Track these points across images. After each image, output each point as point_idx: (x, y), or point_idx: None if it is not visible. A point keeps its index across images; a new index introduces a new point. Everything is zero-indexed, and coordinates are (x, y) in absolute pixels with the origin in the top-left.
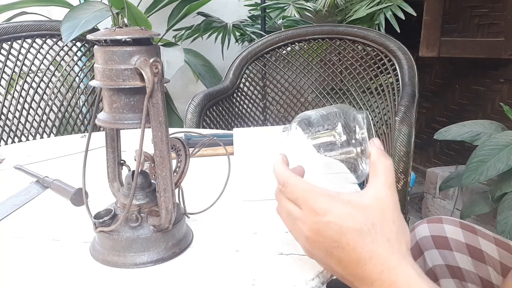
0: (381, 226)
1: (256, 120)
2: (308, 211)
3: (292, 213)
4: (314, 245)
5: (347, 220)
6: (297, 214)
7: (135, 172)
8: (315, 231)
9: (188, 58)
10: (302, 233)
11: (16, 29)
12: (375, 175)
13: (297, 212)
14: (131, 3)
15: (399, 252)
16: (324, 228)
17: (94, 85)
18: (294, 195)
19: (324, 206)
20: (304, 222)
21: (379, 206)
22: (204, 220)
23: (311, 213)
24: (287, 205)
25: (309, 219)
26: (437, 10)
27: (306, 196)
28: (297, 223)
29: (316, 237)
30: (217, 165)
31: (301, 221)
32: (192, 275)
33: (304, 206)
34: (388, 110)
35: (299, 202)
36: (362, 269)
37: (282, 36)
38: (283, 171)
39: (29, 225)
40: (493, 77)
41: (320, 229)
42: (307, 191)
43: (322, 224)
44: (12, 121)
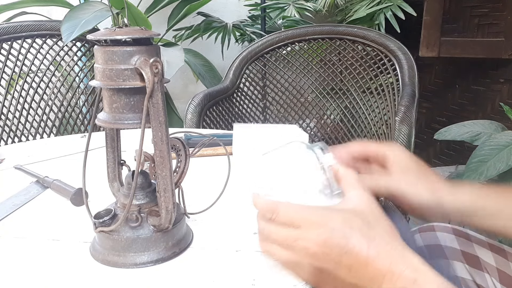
0: (376, 223)
1: (256, 120)
2: (309, 226)
3: (290, 236)
4: (321, 260)
5: (347, 224)
6: (296, 235)
7: (135, 172)
8: (321, 244)
9: (188, 58)
10: (306, 251)
11: (16, 29)
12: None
13: (296, 233)
14: (131, 3)
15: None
16: (329, 238)
17: (94, 85)
18: (288, 217)
19: (323, 217)
20: (307, 239)
21: (367, 207)
22: (204, 220)
23: (312, 227)
24: (281, 231)
25: (313, 233)
26: (437, 10)
27: (302, 213)
28: (298, 243)
29: (323, 250)
30: (217, 165)
31: (304, 239)
32: (192, 275)
33: (303, 223)
34: (388, 110)
35: (296, 222)
36: (372, 267)
37: (282, 36)
38: (267, 201)
39: (29, 225)
40: (493, 77)
41: (326, 239)
42: (300, 209)
43: (327, 233)
44: (12, 121)
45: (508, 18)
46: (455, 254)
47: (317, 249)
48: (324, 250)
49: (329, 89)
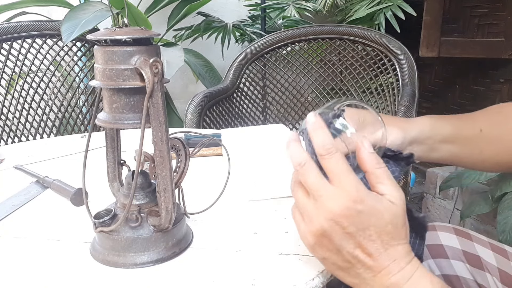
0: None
1: (256, 120)
2: (343, 193)
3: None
4: (335, 226)
5: (376, 215)
6: (328, 190)
7: (135, 172)
8: (345, 215)
9: (188, 58)
10: (327, 211)
11: (16, 29)
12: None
13: (328, 188)
14: (131, 3)
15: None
16: (355, 215)
17: (94, 85)
18: (337, 168)
19: (360, 195)
20: (334, 200)
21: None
22: (204, 220)
23: (346, 196)
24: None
25: (342, 201)
26: (437, 10)
27: (349, 176)
28: (323, 200)
29: (342, 220)
30: (217, 165)
31: (332, 198)
32: (192, 275)
33: (341, 185)
34: (388, 110)
35: (337, 178)
36: (377, 256)
37: (282, 36)
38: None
39: (29, 225)
40: (493, 77)
41: (351, 215)
42: (350, 172)
43: (354, 211)
44: (12, 121)
45: (508, 18)
46: (456, 254)
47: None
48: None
49: (329, 89)
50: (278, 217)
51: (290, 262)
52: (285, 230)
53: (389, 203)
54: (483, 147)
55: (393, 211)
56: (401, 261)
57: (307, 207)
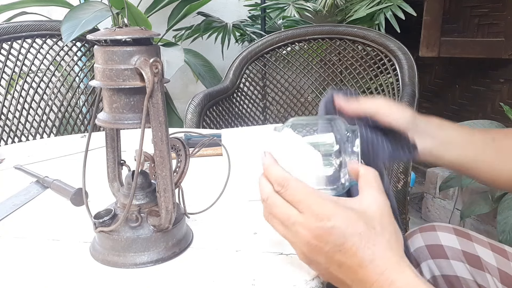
0: (381, 230)
1: (256, 120)
2: (310, 216)
3: (291, 217)
4: (314, 250)
5: (350, 225)
6: (296, 218)
7: (135, 172)
8: (317, 237)
9: (188, 58)
10: (301, 238)
11: (16, 29)
12: (367, 183)
13: (296, 217)
14: (131, 3)
15: (397, 254)
16: (327, 234)
17: (94, 85)
18: (295, 197)
19: (327, 212)
20: (305, 227)
21: (378, 211)
22: (204, 220)
23: (313, 217)
24: (284, 208)
25: (312, 224)
26: (437, 10)
27: (309, 199)
28: (296, 227)
29: (317, 243)
30: (217, 165)
31: (302, 226)
32: (192, 275)
33: (306, 210)
34: None
35: (300, 206)
36: (363, 271)
37: (282, 36)
38: (282, 172)
39: (29, 225)
40: (493, 77)
41: (323, 234)
42: (309, 194)
43: (325, 229)
44: (12, 121)
45: (508, 18)
46: (456, 254)
47: (312, 240)
48: (319, 244)
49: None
50: None
51: (290, 262)
52: None
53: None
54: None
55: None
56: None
57: (287, 236)
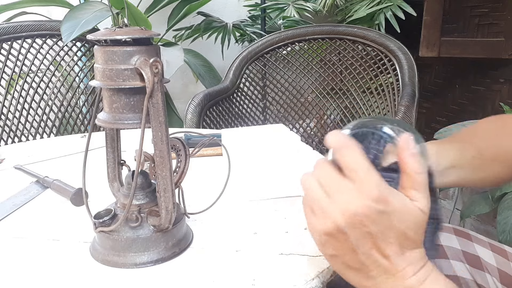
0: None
1: (256, 120)
2: (365, 190)
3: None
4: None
5: (398, 218)
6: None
7: (135, 172)
8: (364, 214)
9: (188, 59)
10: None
11: (16, 29)
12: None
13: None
14: (131, 3)
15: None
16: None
17: (94, 85)
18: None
19: (384, 194)
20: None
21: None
22: (204, 220)
23: (367, 194)
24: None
25: (363, 199)
26: (437, 10)
27: (369, 172)
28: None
29: (361, 220)
30: (217, 165)
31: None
32: (192, 275)
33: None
34: (388, 110)
35: (358, 175)
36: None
37: (282, 36)
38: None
39: (29, 225)
40: (493, 77)
41: (370, 215)
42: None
43: (374, 211)
44: (12, 121)
45: (508, 18)
46: (455, 254)
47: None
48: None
49: (329, 89)
50: (278, 217)
51: (290, 262)
52: (285, 230)
53: (416, 210)
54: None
55: (419, 219)
56: (416, 265)
57: (321, 201)
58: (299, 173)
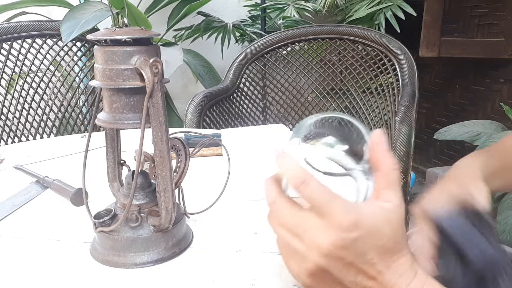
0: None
1: (256, 120)
2: (332, 223)
3: (306, 222)
4: (332, 261)
5: (373, 236)
6: (313, 224)
7: (135, 172)
8: (339, 247)
9: (188, 59)
10: (317, 247)
11: (16, 29)
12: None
13: (313, 222)
14: (131, 3)
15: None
16: (350, 245)
17: (94, 85)
18: (316, 200)
19: (351, 220)
20: (324, 235)
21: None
22: (204, 220)
23: (336, 226)
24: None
25: (333, 233)
26: (437, 10)
27: (332, 203)
28: (312, 235)
29: (338, 253)
30: (217, 165)
31: (320, 233)
32: (192, 275)
33: (328, 216)
34: (388, 110)
35: (321, 210)
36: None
37: (282, 36)
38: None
39: (29, 225)
40: (493, 77)
41: (346, 245)
42: (332, 198)
43: (348, 241)
44: (12, 121)
45: (508, 18)
46: None
47: (331, 249)
48: (339, 253)
49: (329, 89)
50: None
51: None
52: None
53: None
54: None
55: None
56: (407, 276)
57: (293, 245)
58: None
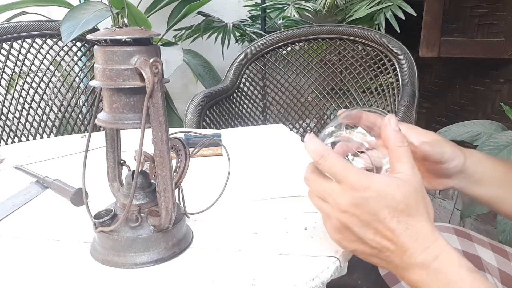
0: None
1: (256, 120)
2: (348, 186)
3: (328, 189)
4: (350, 217)
5: (384, 198)
6: (334, 189)
7: (135, 172)
8: (354, 205)
9: (188, 59)
10: (338, 207)
11: (16, 29)
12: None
13: (334, 187)
14: (131, 3)
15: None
16: (363, 203)
17: (94, 85)
18: (333, 169)
19: (363, 183)
20: (342, 195)
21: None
22: (204, 220)
23: (350, 188)
24: (322, 182)
25: (348, 194)
26: (437, 10)
27: (346, 171)
28: (334, 197)
29: (354, 210)
30: (217, 165)
31: (339, 195)
32: (192, 275)
33: (343, 180)
34: (388, 110)
35: (338, 177)
36: (397, 239)
37: (282, 36)
38: (321, 145)
39: (29, 225)
40: (493, 77)
41: (360, 203)
42: (346, 166)
43: (361, 199)
44: (12, 121)
45: (508, 18)
46: None
47: (348, 208)
48: (355, 211)
49: (329, 89)
50: (278, 217)
51: (290, 262)
52: (285, 230)
53: (399, 182)
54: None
55: (404, 190)
56: (424, 241)
57: (323, 208)
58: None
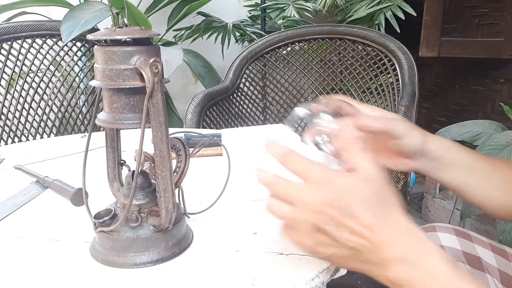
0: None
1: (256, 120)
2: (315, 184)
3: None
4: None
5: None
6: (300, 189)
7: (135, 172)
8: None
9: (188, 59)
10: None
11: (16, 29)
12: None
13: (300, 187)
14: (131, 3)
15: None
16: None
17: (94, 85)
18: (298, 167)
19: (331, 179)
20: (310, 194)
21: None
22: (204, 220)
23: (318, 185)
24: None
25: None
26: (437, 10)
27: (311, 168)
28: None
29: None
30: (217, 165)
31: (307, 194)
32: (192, 275)
33: (309, 178)
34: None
35: (304, 174)
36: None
37: (282, 36)
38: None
39: (29, 225)
40: (493, 77)
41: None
42: (311, 163)
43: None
44: (12, 121)
45: (508, 18)
46: (456, 255)
47: (319, 206)
48: (326, 209)
49: (329, 89)
50: None
51: (290, 262)
52: None
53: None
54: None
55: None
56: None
57: (288, 213)
58: None
